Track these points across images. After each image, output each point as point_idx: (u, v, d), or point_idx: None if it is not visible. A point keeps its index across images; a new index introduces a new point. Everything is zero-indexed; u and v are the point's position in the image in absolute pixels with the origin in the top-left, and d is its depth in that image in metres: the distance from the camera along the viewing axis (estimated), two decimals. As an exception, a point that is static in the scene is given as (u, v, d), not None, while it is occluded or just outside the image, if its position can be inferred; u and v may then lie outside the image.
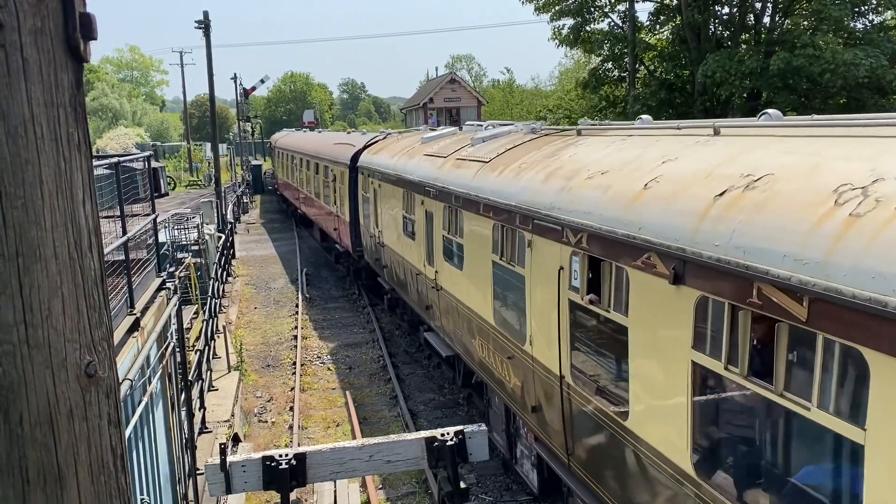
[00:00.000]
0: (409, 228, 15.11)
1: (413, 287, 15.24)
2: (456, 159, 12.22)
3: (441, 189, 12.19)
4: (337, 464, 6.15)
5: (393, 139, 19.83)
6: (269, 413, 14.51)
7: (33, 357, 1.57)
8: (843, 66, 25.84)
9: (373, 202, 18.80)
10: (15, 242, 1.54)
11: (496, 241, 9.78)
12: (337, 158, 23.82)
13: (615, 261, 6.50)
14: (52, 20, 1.58)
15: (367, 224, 20.06)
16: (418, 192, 13.81)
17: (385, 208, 17.38)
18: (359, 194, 21.01)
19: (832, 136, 5.68)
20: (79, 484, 1.66)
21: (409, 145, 16.42)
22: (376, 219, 18.50)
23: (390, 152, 17.50)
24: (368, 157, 19.81)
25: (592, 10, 35.62)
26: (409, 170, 14.66)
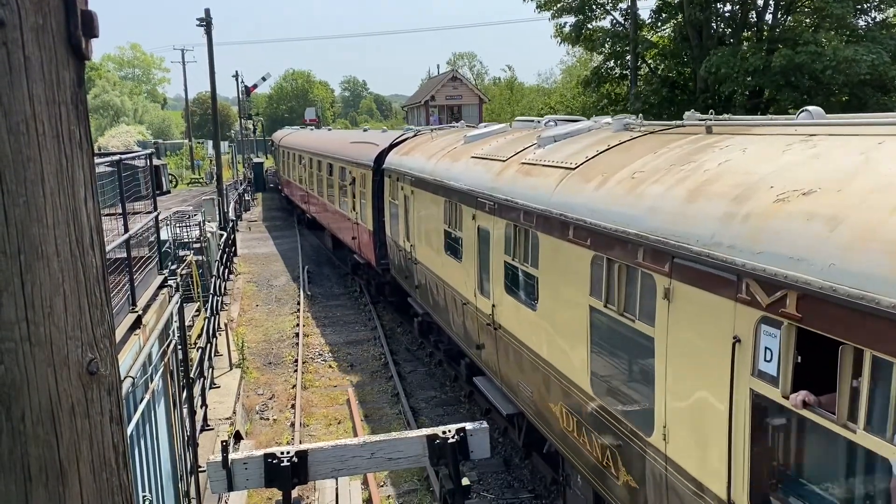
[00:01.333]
0: (453, 246, 12.59)
1: (457, 317, 12.66)
2: (521, 164, 9.71)
3: (502, 202, 9.66)
4: (338, 461, 6.16)
5: (425, 137, 17.14)
6: (270, 410, 14.52)
7: (35, 354, 1.57)
8: (844, 63, 25.82)
9: (403, 210, 16.15)
10: (17, 240, 1.54)
11: (597, 279, 7.12)
12: (357, 159, 21.06)
13: (872, 347, 3.97)
14: (53, 18, 1.58)
15: (394, 234, 17.38)
16: (467, 203, 11.37)
17: (419, 219, 14.82)
18: (385, 200, 18.24)
19: None
20: (81, 481, 1.66)
21: (449, 145, 14.04)
22: (407, 230, 15.93)
23: (425, 153, 14.99)
24: (397, 158, 17.09)
25: (594, 8, 35.61)
26: (455, 175, 12.18)
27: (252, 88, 65.37)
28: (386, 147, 18.70)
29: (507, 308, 9.95)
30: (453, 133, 16.17)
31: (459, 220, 11.99)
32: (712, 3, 31.66)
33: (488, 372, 11.36)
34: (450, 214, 12.60)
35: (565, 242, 7.80)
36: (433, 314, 14.83)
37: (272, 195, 55.71)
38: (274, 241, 34.65)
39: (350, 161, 22.02)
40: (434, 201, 13.47)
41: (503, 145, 11.48)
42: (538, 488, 10.92)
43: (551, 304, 8.41)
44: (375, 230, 19.21)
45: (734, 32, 32.67)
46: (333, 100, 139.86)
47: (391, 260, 18.38)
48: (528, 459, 11.58)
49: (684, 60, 33.77)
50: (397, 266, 17.64)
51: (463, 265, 11.90)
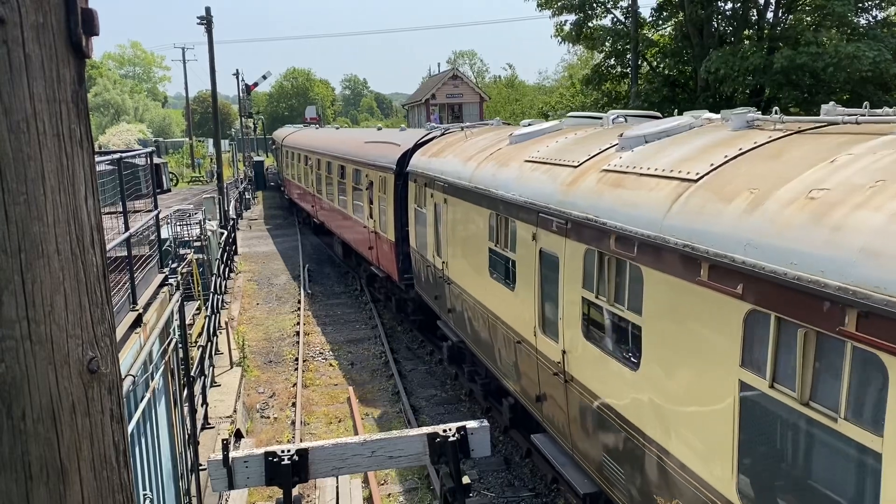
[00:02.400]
0: (501, 269, 10.54)
1: (506, 356, 10.55)
2: (603, 172, 7.65)
3: (580, 221, 7.54)
4: (339, 459, 6.16)
5: (457, 136, 15.10)
6: (271, 409, 14.53)
7: (36, 353, 1.57)
8: (846, 60, 25.80)
9: (432, 221, 14.11)
10: (17, 238, 1.54)
11: (757, 346, 5.04)
12: (375, 161, 18.97)
13: None
14: (54, 16, 1.58)
15: (420, 247, 15.49)
16: (524, 218, 9.26)
17: (455, 232, 12.80)
18: (409, 208, 16.28)
19: None
20: (81, 479, 1.66)
21: (491, 146, 12.03)
22: (438, 244, 13.92)
23: (461, 155, 12.96)
24: (424, 160, 15.10)
25: (595, 6, 35.56)
26: (504, 183, 10.06)
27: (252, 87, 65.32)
28: (410, 148, 16.68)
29: (586, 358, 7.75)
30: (492, 132, 14.03)
31: (511, 238, 9.85)
32: (713, 2, 31.62)
33: (552, 430, 9.19)
34: (497, 230, 10.51)
35: (694, 286, 5.60)
36: (471, 345, 12.58)
37: (273, 193, 55.71)
38: (274, 240, 34.65)
39: (366, 163, 19.97)
40: (475, 213, 11.43)
41: (566, 147, 9.40)
42: (538, 487, 10.92)
43: (665, 366, 6.22)
44: (398, 241, 17.17)
45: (735, 31, 32.64)
46: (334, 98, 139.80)
47: (416, 275, 16.39)
48: (528, 458, 11.59)
49: (685, 59, 33.74)
50: (424, 283, 15.59)
51: (517, 295, 9.72)
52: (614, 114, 10.66)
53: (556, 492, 10.58)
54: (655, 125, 8.11)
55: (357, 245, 22.50)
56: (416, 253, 15.98)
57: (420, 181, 15.10)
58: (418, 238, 15.72)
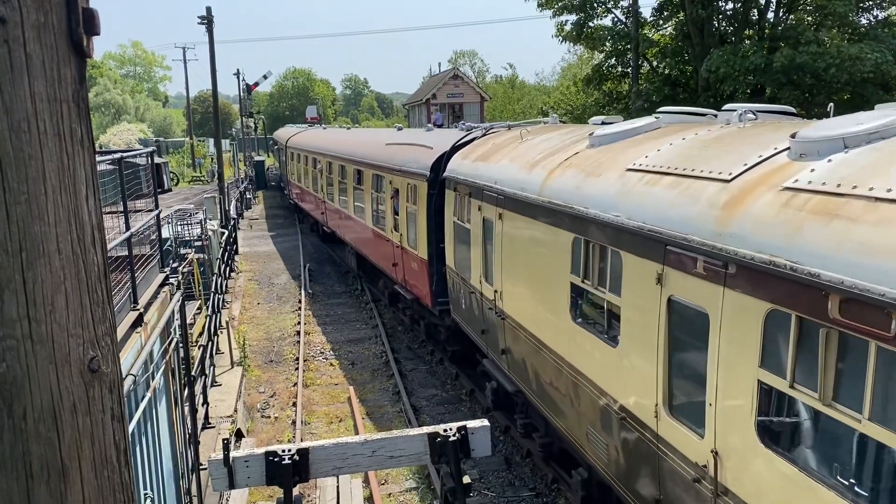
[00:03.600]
0: (593, 314, 8.27)
1: (598, 432, 8.12)
2: (783, 192, 5.28)
3: (762, 267, 5.07)
4: (340, 459, 6.16)
5: (509, 137, 12.63)
6: (272, 408, 14.54)
7: (37, 352, 1.57)
8: (848, 61, 25.81)
9: (480, 239, 11.83)
10: (18, 238, 1.54)
11: None
12: (403, 166, 16.47)
13: None
14: (55, 15, 1.58)
15: (461, 268, 13.15)
16: (639, 251, 6.83)
17: (514, 255, 10.45)
18: (447, 221, 13.93)
19: None
20: (82, 479, 1.66)
21: (561, 149, 9.72)
22: (487, 267, 11.62)
23: (521, 160, 10.64)
24: (467, 165, 12.82)
25: (595, 6, 35.56)
26: (597, 199, 7.69)
27: (253, 86, 65.33)
28: (447, 151, 14.45)
29: (765, 473, 5.21)
30: (553, 131, 11.57)
31: (614, 275, 7.45)
32: (714, 1, 31.63)
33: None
34: (587, 261, 8.13)
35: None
36: (535, 400, 10.23)
37: (273, 193, 55.74)
38: (275, 240, 34.66)
39: (391, 168, 17.39)
40: (548, 235, 9.08)
41: (691, 152, 6.93)
42: (539, 486, 10.92)
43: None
44: (431, 259, 14.82)
45: (736, 30, 32.64)
46: (334, 98, 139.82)
47: (454, 300, 14.08)
48: (528, 458, 11.59)
49: (686, 58, 33.74)
50: (466, 311, 13.27)
51: (623, 354, 7.28)
52: (737, 107, 8.01)
53: (557, 492, 10.58)
54: (852, 124, 5.50)
55: (378, 260, 19.79)
56: (455, 275, 13.55)
57: (462, 190, 12.77)
58: (458, 257, 13.34)
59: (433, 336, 16.92)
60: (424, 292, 15.52)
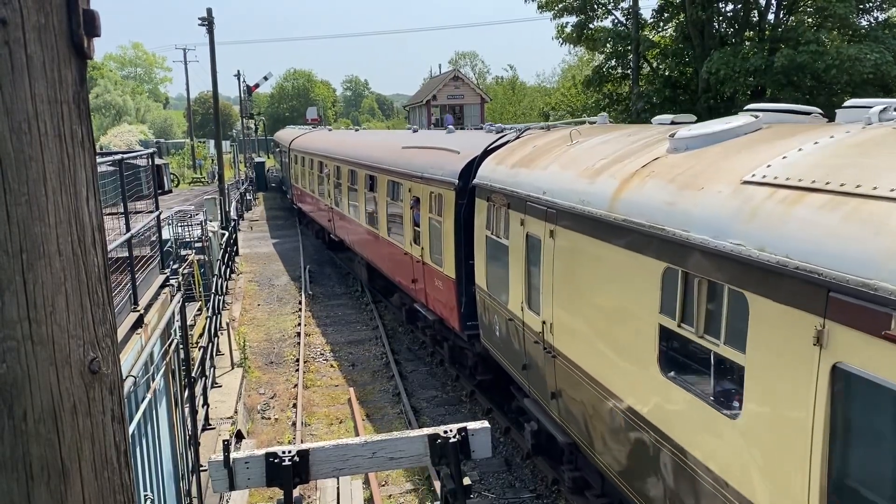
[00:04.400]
0: (699, 371, 6.40)
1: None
2: None
3: None
4: (340, 460, 6.15)
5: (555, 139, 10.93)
6: (272, 410, 14.53)
7: (37, 353, 1.57)
8: (848, 62, 25.83)
9: (522, 258, 10.06)
10: (19, 239, 1.54)
11: None
12: (425, 172, 14.58)
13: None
14: (55, 17, 1.58)
15: (495, 291, 11.46)
16: (784, 297, 5.00)
17: (572, 282, 8.59)
18: (477, 235, 12.18)
19: None
20: (82, 480, 1.66)
21: (630, 153, 8.05)
22: (530, 291, 9.90)
23: (576, 166, 8.92)
24: (504, 171, 11.16)
25: (595, 8, 35.60)
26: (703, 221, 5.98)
27: (254, 88, 65.39)
28: (478, 155, 12.68)
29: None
30: (610, 132, 9.83)
31: (730, 321, 5.71)
32: (714, 3, 31.65)
33: None
34: (685, 300, 6.34)
35: None
36: (600, 462, 8.32)
37: (273, 195, 55.78)
38: (275, 241, 34.67)
39: (409, 174, 15.63)
40: (625, 262, 7.19)
41: (837, 161, 5.34)
42: (539, 488, 10.91)
43: None
44: (460, 278, 13.00)
45: (736, 32, 32.67)
46: (335, 99, 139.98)
47: (484, 325, 12.30)
48: (529, 459, 11.58)
49: (686, 60, 33.76)
50: (500, 340, 11.52)
51: (746, 430, 5.51)
52: (858, 103, 6.50)
53: (557, 493, 10.58)
54: None
55: (393, 274, 17.99)
56: (487, 297, 11.87)
57: (497, 201, 11.09)
58: (492, 277, 11.66)
59: (458, 361, 15.12)
60: (451, 315, 13.61)
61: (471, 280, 12.64)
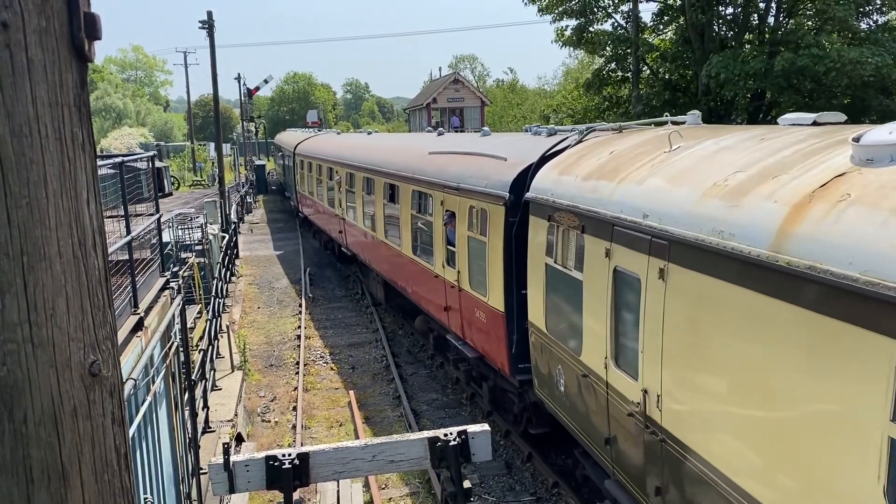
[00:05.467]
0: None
1: None
2: None
3: None
4: (340, 463, 6.15)
5: (641, 142, 8.77)
6: (272, 413, 14.53)
7: (37, 356, 1.57)
8: (849, 65, 25.87)
9: (609, 300, 7.78)
10: (19, 241, 1.54)
11: None
12: (462, 182, 12.30)
13: None
14: (56, 20, 1.58)
15: (559, 334, 9.25)
16: None
17: (704, 347, 6.09)
18: (532, 262, 10.05)
19: None
20: (83, 483, 1.66)
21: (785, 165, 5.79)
22: (617, 344, 7.73)
23: (691, 182, 6.70)
24: (573, 183, 8.92)
25: (595, 11, 35.65)
26: None
27: (254, 91, 65.45)
28: (534, 163, 10.44)
29: None
30: (730, 134, 7.52)
31: None
32: (714, 6, 31.70)
33: None
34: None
35: None
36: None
37: (274, 197, 55.81)
38: (275, 244, 34.69)
39: (442, 184, 13.24)
40: (809, 331, 4.83)
41: None
42: (539, 491, 10.90)
43: None
44: (510, 312, 10.85)
45: (736, 35, 32.71)
46: (335, 102, 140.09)
47: (541, 373, 10.02)
48: (529, 462, 11.57)
49: (686, 63, 33.81)
50: (566, 398, 9.19)
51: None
52: None
53: (558, 496, 10.57)
54: None
55: (420, 299, 15.73)
56: (547, 339, 9.63)
57: (565, 221, 8.85)
58: (554, 317, 9.44)
59: (502, 406, 12.85)
60: (498, 355, 11.39)
61: (523, 314, 10.54)
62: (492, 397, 12.97)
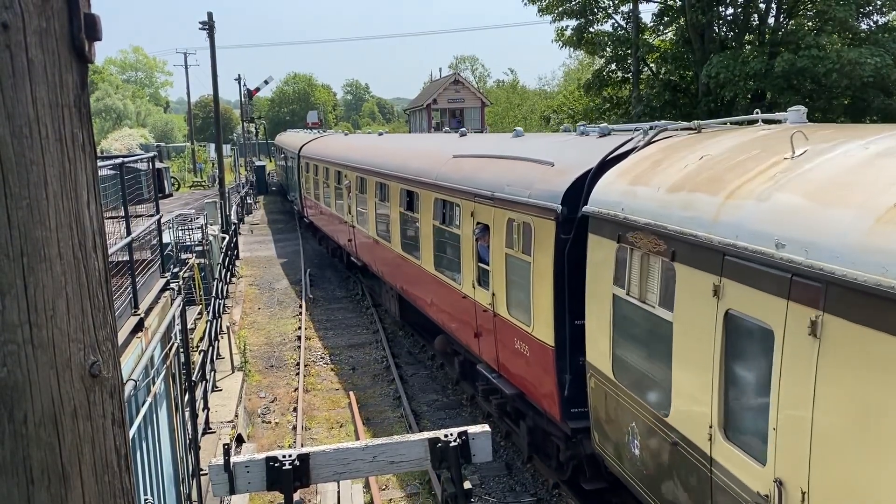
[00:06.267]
0: None
1: None
2: None
3: None
4: (340, 464, 6.15)
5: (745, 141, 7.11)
6: (272, 413, 14.52)
7: (38, 357, 1.57)
8: (849, 66, 25.87)
9: (715, 354, 5.92)
10: (20, 242, 1.54)
11: None
12: (499, 191, 10.65)
13: None
14: (57, 21, 1.58)
15: (631, 383, 7.64)
16: None
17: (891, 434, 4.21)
18: (595, 291, 8.38)
19: None
20: (83, 484, 1.66)
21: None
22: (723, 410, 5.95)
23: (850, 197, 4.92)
24: (651, 195, 7.28)
25: (596, 12, 35.66)
26: None
27: (254, 92, 65.50)
28: (593, 169, 8.79)
29: None
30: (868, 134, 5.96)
31: None
32: (714, 7, 31.71)
33: None
34: None
35: None
36: None
37: (274, 198, 55.82)
38: (276, 244, 34.69)
39: (473, 192, 11.63)
40: None
41: None
42: (540, 492, 10.89)
43: None
44: (562, 347, 9.18)
45: (736, 36, 32.72)
46: (335, 103, 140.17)
47: (603, 429, 8.39)
48: (530, 463, 11.55)
49: (686, 64, 33.82)
50: (643, 466, 7.48)
51: None
52: None
53: (559, 497, 10.56)
54: None
55: (444, 320, 14.07)
56: (615, 389, 7.91)
57: (644, 244, 7.09)
58: (625, 361, 7.76)
59: (543, 450, 11.00)
60: (546, 396, 9.68)
61: (578, 348, 8.88)
62: (531, 438, 11.13)
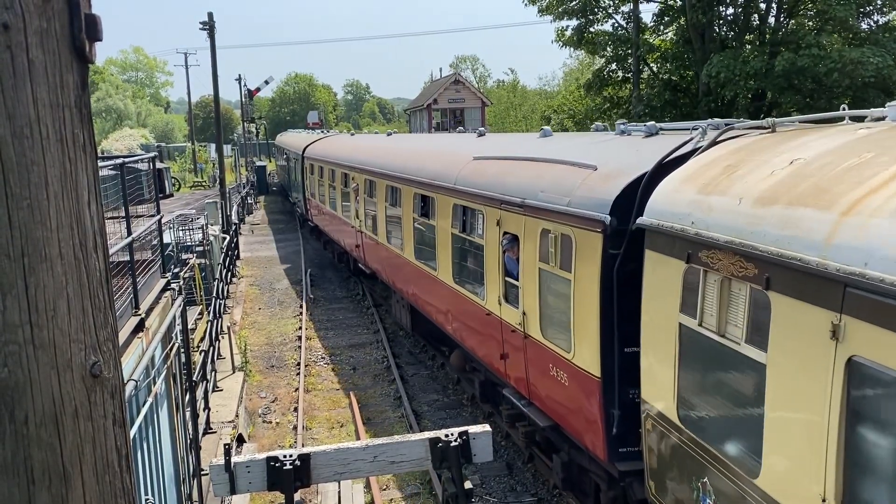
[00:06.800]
0: None
1: None
2: None
3: None
4: (341, 464, 6.14)
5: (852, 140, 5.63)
6: (273, 413, 14.52)
7: (39, 357, 1.57)
8: (850, 65, 25.87)
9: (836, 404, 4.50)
10: (20, 243, 1.54)
11: None
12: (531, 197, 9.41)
13: None
14: (57, 21, 1.58)
15: (710, 437, 6.10)
16: None
17: None
18: (652, 319, 7.02)
19: None
20: (84, 484, 1.66)
21: None
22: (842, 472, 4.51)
23: None
24: (742, 210, 5.59)
25: (596, 11, 35.66)
26: None
27: (255, 92, 65.51)
28: (647, 173, 7.55)
29: None
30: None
31: None
32: (715, 6, 31.70)
33: None
34: None
35: None
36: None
37: (275, 198, 55.82)
38: (276, 244, 34.69)
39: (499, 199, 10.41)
40: None
41: None
42: (541, 492, 10.89)
43: None
44: (608, 377, 8.00)
45: (737, 35, 32.71)
46: (336, 103, 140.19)
47: (663, 477, 7.10)
48: (530, 463, 11.55)
49: (687, 63, 33.81)
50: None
51: None
52: None
53: (559, 497, 10.56)
54: None
55: (465, 338, 12.73)
56: (681, 437, 6.59)
57: (721, 266, 5.78)
58: (692, 402, 6.46)
59: (579, 486, 9.86)
60: (588, 432, 8.53)
61: (629, 379, 7.71)
62: (566, 474, 9.85)
